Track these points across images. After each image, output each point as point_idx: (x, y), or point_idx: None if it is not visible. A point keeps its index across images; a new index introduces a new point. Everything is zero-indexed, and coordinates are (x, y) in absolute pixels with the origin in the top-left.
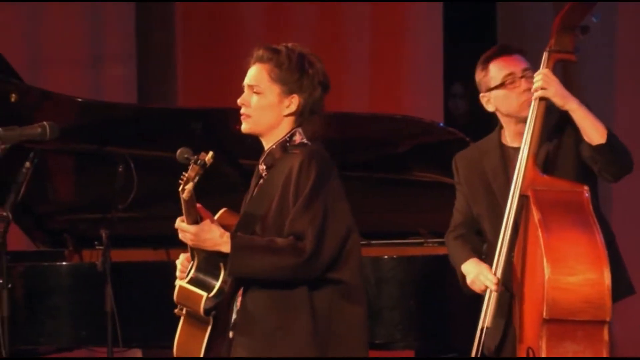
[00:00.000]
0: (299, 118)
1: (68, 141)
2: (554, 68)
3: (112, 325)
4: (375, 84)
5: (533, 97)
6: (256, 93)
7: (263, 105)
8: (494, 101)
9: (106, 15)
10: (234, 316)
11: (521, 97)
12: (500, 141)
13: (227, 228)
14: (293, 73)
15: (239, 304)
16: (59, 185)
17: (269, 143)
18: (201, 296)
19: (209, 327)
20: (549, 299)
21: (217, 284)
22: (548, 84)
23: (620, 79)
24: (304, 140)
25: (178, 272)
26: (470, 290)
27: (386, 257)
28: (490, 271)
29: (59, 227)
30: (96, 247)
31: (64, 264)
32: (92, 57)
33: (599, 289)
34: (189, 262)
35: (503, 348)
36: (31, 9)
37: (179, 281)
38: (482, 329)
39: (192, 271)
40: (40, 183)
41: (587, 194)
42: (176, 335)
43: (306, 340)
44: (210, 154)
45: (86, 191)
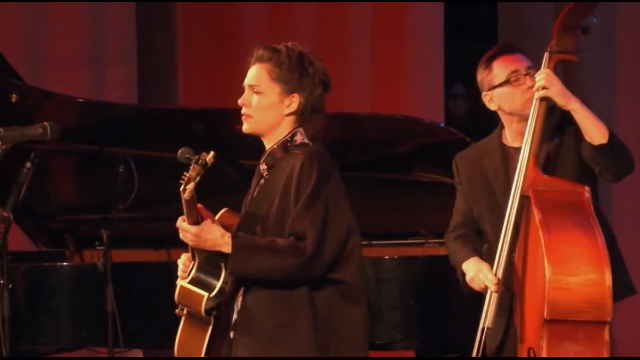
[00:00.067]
0: (300, 117)
1: (69, 141)
2: (555, 68)
3: (113, 326)
4: (376, 84)
5: (535, 97)
6: (257, 93)
7: (264, 105)
8: (497, 99)
9: (106, 15)
10: (234, 316)
11: (526, 94)
12: (501, 141)
13: (228, 228)
14: (293, 72)
15: (239, 304)
16: (59, 186)
17: (270, 143)
18: (202, 296)
19: (209, 327)
20: (550, 299)
21: (218, 284)
22: (550, 83)
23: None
24: (305, 140)
25: (180, 272)
26: (470, 289)
27: (387, 257)
28: (491, 270)
29: (59, 228)
30: (97, 248)
31: (64, 264)
32: (93, 57)
33: (599, 289)
34: (190, 262)
35: (504, 348)
36: (32, 9)
37: (180, 281)
38: (482, 329)
39: (193, 271)
40: (41, 183)
41: (587, 195)
42: (177, 336)
43: (307, 340)
44: (212, 153)
45: (87, 191)
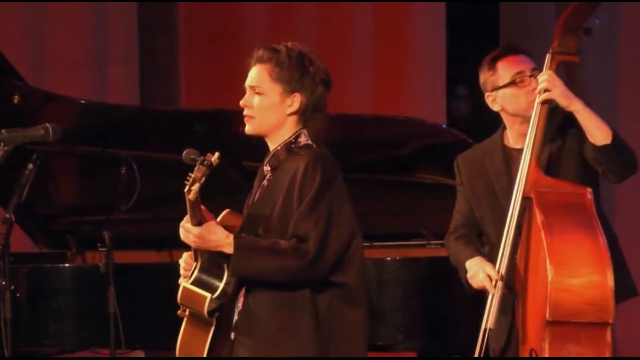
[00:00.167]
0: (302, 117)
1: (71, 143)
2: (557, 69)
3: (115, 327)
4: (377, 84)
5: (537, 99)
6: (258, 94)
7: (265, 105)
8: (500, 100)
9: (109, 16)
10: (235, 317)
11: (530, 96)
12: (503, 142)
13: (230, 229)
14: (294, 72)
15: (240, 305)
16: (61, 187)
17: (273, 144)
18: (205, 297)
19: (212, 328)
20: (552, 301)
21: (220, 285)
22: (552, 85)
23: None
24: (308, 141)
25: (182, 271)
26: (472, 288)
27: (389, 258)
28: (493, 268)
29: (61, 229)
30: (99, 249)
31: (66, 265)
32: (95, 58)
33: (601, 290)
34: (191, 261)
35: (507, 349)
36: (34, 10)
37: (183, 282)
38: (484, 330)
39: (196, 272)
40: (43, 185)
41: (590, 196)
42: (179, 337)
43: (308, 342)
44: (217, 154)
45: (89, 193)
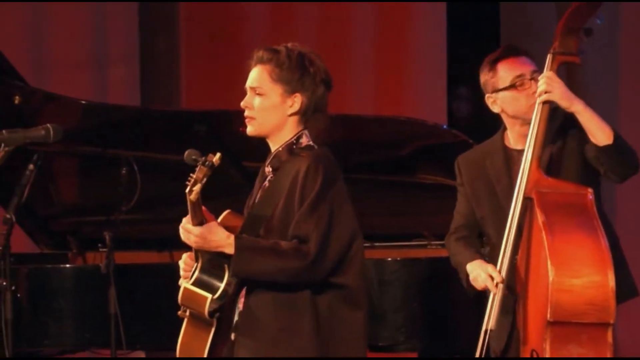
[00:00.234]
0: (304, 117)
1: (72, 143)
2: (558, 70)
3: (116, 328)
4: (379, 84)
5: (537, 100)
6: (259, 95)
7: (266, 106)
8: (500, 102)
9: (109, 17)
10: (235, 318)
11: (530, 99)
12: (504, 143)
13: (231, 230)
14: (294, 72)
15: (241, 305)
16: (62, 188)
17: (275, 145)
18: (206, 298)
19: (212, 329)
20: (553, 301)
21: (221, 285)
22: (552, 87)
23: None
24: (310, 142)
25: (182, 272)
26: (474, 289)
27: (390, 259)
28: (495, 269)
29: (62, 229)
30: (100, 250)
31: (67, 266)
32: (96, 59)
33: (603, 291)
34: (191, 261)
35: (508, 350)
36: (34, 11)
37: (183, 282)
38: (485, 331)
39: (197, 272)
40: (43, 185)
41: (591, 197)
42: (179, 337)
43: (309, 343)
44: (218, 155)
45: (90, 193)
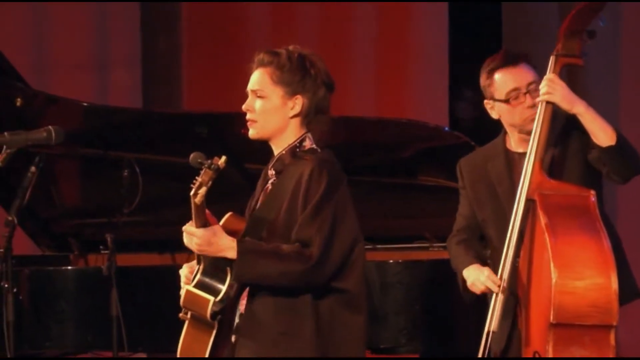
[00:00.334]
0: (305, 119)
1: (73, 145)
2: (560, 72)
3: (118, 330)
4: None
5: (539, 99)
6: (260, 97)
7: (268, 108)
8: (497, 110)
9: (111, 19)
10: (236, 320)
11: (525, 113)
12: (505, 146)
13: (234, 232)
14: (295, 74)
15: (242, 307)
16: (64, 190)
17: (278, 148)
18: (208, 300)
19: (213, 331)
20: (556, 303)
21: (223, 288)
22: (554, 89)
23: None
24: (313, 145)
25: (182, 285)
26: (469, 295)
27: (391, 261)
28: (492, 273)
29: (64, 232)
30: (101, 252)
31: (69, 268)
32: (97, 61)
33: (605, 293)
34: (191, 274)
35: (508, 352)
36: (36, 13)
37: (185, 285)
38: (488, 332)
39: (199, 275)
40: (45, 187)
41: (593, 198)
42: (180, 339)
43: (310, 346)
44: (224, 158)
45: (91, 195)
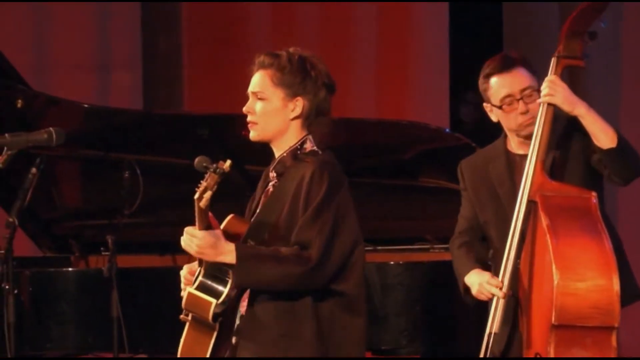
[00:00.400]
0: (306, 121)
1: (74, 147)
2: (562, 73)
3: (118, 331)
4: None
5: (540, 101)
6: (260, 99)
7: (268, 110)
8: (495, 114)
9: (112, 20)
10: (237, 322)
11: (518, 119)
12: (506, 148)
13: (236, 235)
14: (295, 76)
15: (242, 309)
16: (65, 191)
17: (279, 150)
18: (210, 303)
19: (214, 333)
20: (558, 305)
21: (225, 290)
22: (555, 90)
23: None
24: (314, 148)
25: (182, 285)
26: (471, 300)
27: (392, 263)
28: (494, 277)
29: (65, 233)
30: (102, 253)
31: (70, 269)
32: (98, 62)
33: (607, 294)
34: (191, 275)
35: (509, 354)
36: (37, 14)
37: (187, 287)
38: (489, 334)
39: (200, 277)
40: (46, 189)
41: (595, 200)
42: (181, 341)
43: (310, 348)
44: (229, 162)
45: (92, 197)
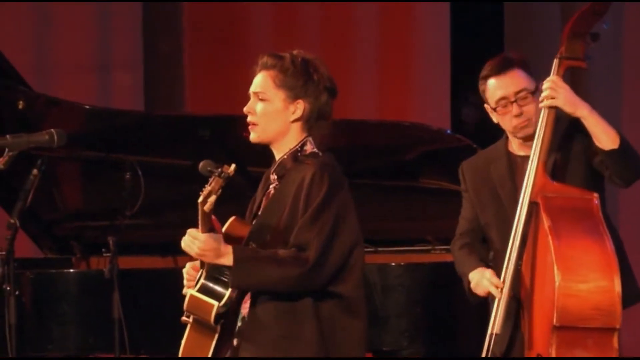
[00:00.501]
0: (307, 124)
1: (75, 148)
2: (564, 75)
3: (120, 332)
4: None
5: (542, 105)
6: (262, 100)
7: (269, 111)
8: (494, 116)
9: (113, 22)
10: (238, 324)
11: (512, 121)
12: (507, 149)
13: (237, 237)
14: (298, 78)
15: (244, 311)
16: (66, 192)
17: (279, 152)
18: (212, 305)
19: (216, 335)
20: (560, 306)
21: (226, 292)
22: (556, 92)
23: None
24: (314, 149)
25: (185, 281)
26: (475, 298)
27: (393, 264)
28: (494, 275)
29: (66, 234)
30: (103, 254)
31: (71, 271)
32: (100, 64)
33: (609, 296)
34: (195, 271)
35: (510, 355)
36: (38, 15)
37: (189, 290)
38: (490, 335)
39: (202, 280)
40: (47, 190)
41: (597, 201)
42: (182, 344)
43: (311, 349)
44: (233, 166)
45: (94, 198)
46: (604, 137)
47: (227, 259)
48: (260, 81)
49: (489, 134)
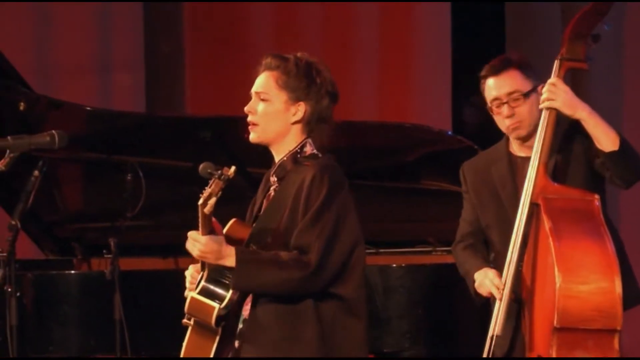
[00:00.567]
0: (307, 127)
1: (77, 149)
2: (565, 76)
3: (121, 334)
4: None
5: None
6: (263, 100)
7: (269, 112)
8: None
9: (114, 22)
10: (240, 326)
11: (504, 122)
12: (508, 150)
13: (238, 239)
14: (300, 80)
15: (245, 313)
16: (67, 194)
17: (279, 154)
18: (213, 307)
19: (217, 338)
20: (560, 307)
21: (227, 295)
22: (555, 94)
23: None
24: (314, 151)
25: (187, 284)
26: (480, 299)
27: (394, 265)
28: (498, 275)
29: (67, 236)
30: (105, 256)
31: (72, 272)
32: (101, 65)
33: (610, 297)
34: (197, 274)
35: (511, 356)
36: (38, 15)
37: (190, 292)
38: (492, 336)
39: (203, 282)
40: (48, 191)
41: (597, 203)
42: (183, 346)
43: (312, 350)
44: (233, 168)
45: (95, 199)
46: (604, 138)
47: (230, 261)
48: (263, 81)
49: (490, 135)
